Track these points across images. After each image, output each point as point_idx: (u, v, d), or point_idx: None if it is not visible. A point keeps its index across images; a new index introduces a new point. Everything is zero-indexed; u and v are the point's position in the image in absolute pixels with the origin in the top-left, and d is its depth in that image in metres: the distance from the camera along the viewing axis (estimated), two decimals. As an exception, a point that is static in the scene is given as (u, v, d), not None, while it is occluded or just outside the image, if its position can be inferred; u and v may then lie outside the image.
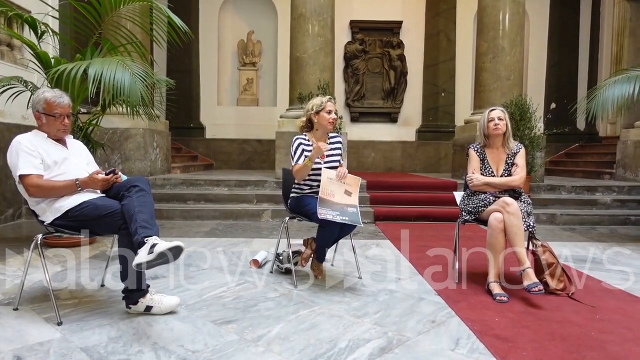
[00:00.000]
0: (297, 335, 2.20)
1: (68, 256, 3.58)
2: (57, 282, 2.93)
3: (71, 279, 3.05)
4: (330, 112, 3.05)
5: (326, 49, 6.75)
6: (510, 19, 6.72)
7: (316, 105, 3.06)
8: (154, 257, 2.07)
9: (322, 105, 3.04)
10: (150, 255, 2.07)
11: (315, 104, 3.07)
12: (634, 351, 2.08)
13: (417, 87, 10.14)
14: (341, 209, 2.83)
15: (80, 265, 3.39)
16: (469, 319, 2.43)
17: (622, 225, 5.68)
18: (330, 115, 3.05)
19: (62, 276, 3.10)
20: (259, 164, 9.82)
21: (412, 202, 6.11)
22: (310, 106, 3.09)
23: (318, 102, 3.07)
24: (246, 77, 10.18)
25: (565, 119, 9.62)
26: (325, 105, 3.05)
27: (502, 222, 2.81)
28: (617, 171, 7.46)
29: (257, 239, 4.52)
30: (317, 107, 3.05)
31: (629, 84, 4.81)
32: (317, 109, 3.06)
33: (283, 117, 6.89)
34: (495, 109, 3.13)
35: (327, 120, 3.04)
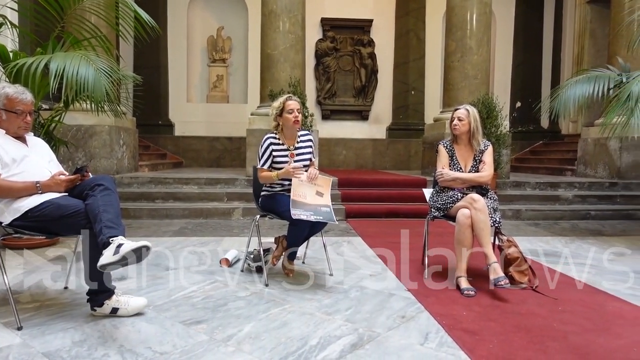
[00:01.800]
0: (267, 334, 2.19)
1: (29, 258, 3.45)
2: (17, 285, 2.82)
3: (32, 281, 2.93)
4: (292, 111, 3.01)
5: (297, 46, 6.73)
6: (477, 19, 6.86)
7: (276, 108, 3.05)
8: (120, 258, 2.01)
9: (282, 106, 3.02)
10: (116, 256, 2.01)
11: (276, 107, 3.05)
12: (593, 341, 2.16)
13: (388, 85, 10.24)
14: (314, 209, 2.84)
15: (41, 267, 3.27)
16: (438, 314, 2.47)
17: (583, 220, 5.90)
18: (292, 114, 3.01)
19: (22, 279, 2.98)
20: (229, 162, 9.71)
21: (383, 199, 6.17)
22: (272, 111, 3.08)
23: (277, 105, 3.04)
24: (216, 73, 10.04)
25: (530, 117, 9.92)
26: (285, 105, 3.01)
27: (470, 218, 2.87)
28: (578, 168, 7.74)
29: (227, 238, 4.47)
30: (277, 110, 3.04)
31: (589, 84, 4.99)
32: (277, 112, 3.04)
33: (254, 114, 6.83)
34: (459, 109, 3.18)
35: (291, 120, 3.02)
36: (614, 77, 4.92)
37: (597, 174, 7.27)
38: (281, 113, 3.03)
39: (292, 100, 3.06)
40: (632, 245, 4.41)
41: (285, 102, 3.02)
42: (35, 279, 2.99)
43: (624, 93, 4.46)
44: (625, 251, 4.15)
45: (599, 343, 2.14)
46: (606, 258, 3.87)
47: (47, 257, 3.54)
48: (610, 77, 4.95)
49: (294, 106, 3.03)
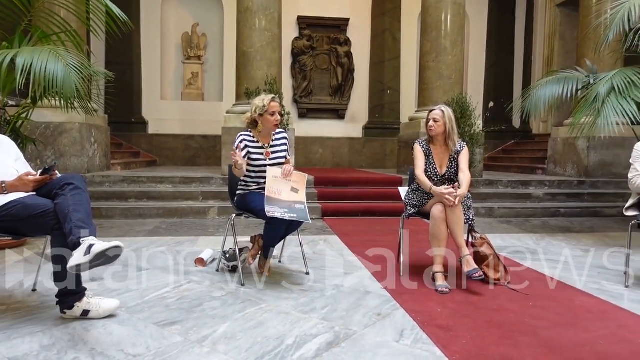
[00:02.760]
0: (243, 334, 2.17)
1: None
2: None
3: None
4: (274, 113, 2.99)
5: (273, 44, 6.69)
6: (451, 20, 6.96)
7: (259, 108, 2.99)
8: (91, 259, 1.96)
9: (265, 107, 2.98)
10: (87, 257, 1.96)
11: (259, 107, 2.99)
12: (563, 335, 2.23)
13: (364, 84, 10.30)
14: (289, 206, 2.83)
15: (8, 269, 3.16)
16: (413, 311, 2.50)
17: (553, 218, 6.06)
18: (274, 117, 2.99)
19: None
20: (204, 161, 9.59)
21: (359, 198, 6.21)
22: (254, 108, 3.02)
23: (261, 105, 2.99)
24: (191, 71, 9.90)
25: (502, 117, 10.12)
26: (268, 107, 2.98)
27: (444, 213, 2.91)
28: (548, 167, 7.95)
29: (202, 237, 4.42)
30: (260, 110, 2.99)
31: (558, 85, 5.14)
32: (260, 112, 3.00)
33: (230, 112, 6.77)
34: (434, 110, 3.20)
35: (272, 123, 3.00)
36: (582, 79, 5.08)
37: (566, 173, 7.48)
38: (263, 113, 3.00)
39: (276, 102, 3.03)
40: (599, 242, 4.56)
41: (269, 104, 2.99)
42: (1, 281, 2.89)
43: (592, 94, 4.61)
44: (592, 248, 4.28)
45: (567, 337, 2.21)
46: (574, 254, 3.99)
47: (15, 259, 3.42)
48: (579, 79, 5.11)
49: (277, 109, 3.02)
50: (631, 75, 4.48)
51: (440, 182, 3.16)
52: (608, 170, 7.08)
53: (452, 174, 3.19)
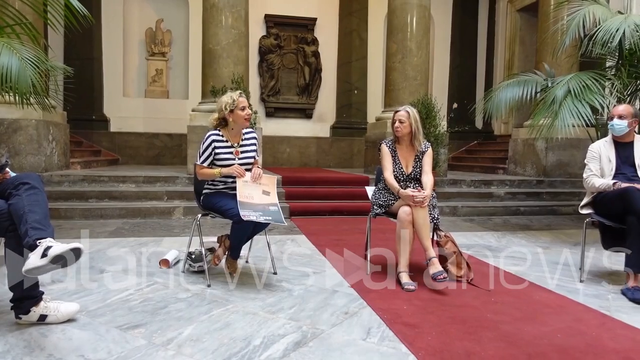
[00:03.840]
0: (209, 336, 2.14)
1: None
2: None
3: (-53, 289, 2.69)
4: (244, 108, 2.96)
5: (240, 42, 6.62)
6: (417, 22, 7.08)
7: (229, 104, 2.94)
8: (48, 261, 1.88)
9: (235, 102, 2.94)
10: (43, 259, 1.88)
11: (228, 103, 2.94)
12: (523, 329, 2.31)
13: (331, 84, 10.33)
14: (263, 209, 2.81)
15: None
16: (380, 309, 2.53)
17: (514, 216, 6.27)
18: (245, 111, 2.96)
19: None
20: (169, 160, 9.39)
21: (326, 197, 6.23)
22: (223, 105, 2.96)
23: (230, 101, 2.94)
24: (155, 67, 9.66)
25: (465, 118, 10.40)
26: (238, 102, 2.94)
27: (411, 215, 2.96)
28: (509, 166, 8.21)
29: (167, 238, 4.32)
30: (231, 106, 2.95)
31: (518, 88, 5.32)
32: (230, 108, 2.96)
33: (195, 110, 6.65)
34: (400, 110, 3.24)
35: (243, 117, 2.96)
36: (541, 82, 5.28)
37: (525, 173, 7.75)
38: (233, 110, 2.96)
39: (244, 97, 3.01)
40: (556, 239, 4.74)
41: (238, 99, 2.95)
42: (-50, 286, 2.73)
43: (549, 97, 4.79)
44: (550, 245, 4.46)
45: (527, 331, 2.29)
46: (534, 251, 4.14)
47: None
48: (538, 82, 5.30)
49: (246, 103, 2.99)
50: (586, 80, 4.69)
51: (406, 181, 3.21)
52: (565, 170, 7.38)
53: (418, 173, 3.24)
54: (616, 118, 3.20)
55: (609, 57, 5.09)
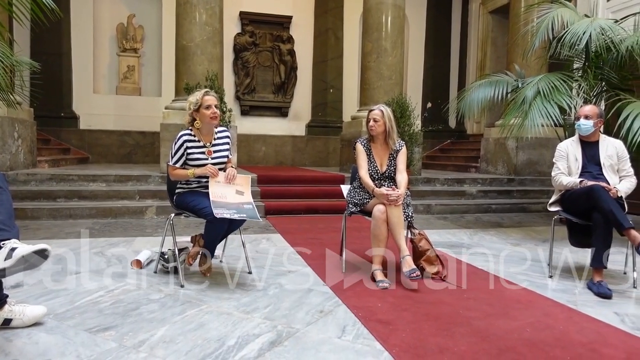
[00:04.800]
0: (183, 337, 2.10)
1: None
2: None
3: None
4: (210, 106, 2.90)
5: (215, 39, 6.54)
6: (392, 22, 7.14)
7: (193, 104, 2.91)
8: (12, 263, 1.81)
9: (199, 101, 2.90)
10: (8, 261, 1.81)
11: (192, 102, 2.92)
12: (494, 324, 2.36)
13: (307, 82, 10.32)
14: (237, 207, 2.79)
15: None
16: (355, 307, 2.54)
17: (485, 213, 6.40)
18: (210, 110, 2.91)
19: None
20: (141, 158, 9.20)
21: (302, 196, 6.22)
22: (189, 105, 2.94)
23: (194, 100, 2.92)
24: (127, 63, 9.45)
25: (439, 117, 10.54)
26: (202, 100, 2.90)
27: (385, 213, 2.99)
28: (481, 165, 8.38)
29: (139, 238, 4.24)
30: (194, 105, 2.91)
31: (490, 88, 5.44)
32: (194, 107, 2.92)
33: (168, 108, 6.54)
34: (374, 109, 3.26)
35: (208, 116, 2.91)
36: (512, 83, 5.40)
37: (497, 171, 7.92)
38: (198, 108, 2.92)
39: (210, 95, 2.95)
40: (526, 236, 4.87)
41: (202, 98, 2.91)
42: None
43: (520, 97, 4.91)
44: (520, 241, 4.57)
45: (498, 326, 2.34)
46: (504, 248, 4.23)
47: None
48: (508, 82, 5.43)
49: (212, 101, 2.93)
50: (554, 81, 4.82)
51: (381, 180, 3.23)
52: (534, 168, 7.57)
53: (392, 172, 3.27)
54: (582, 118, 3.30)
55: (576, 59, 5.25)
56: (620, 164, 3.27)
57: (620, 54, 4.61)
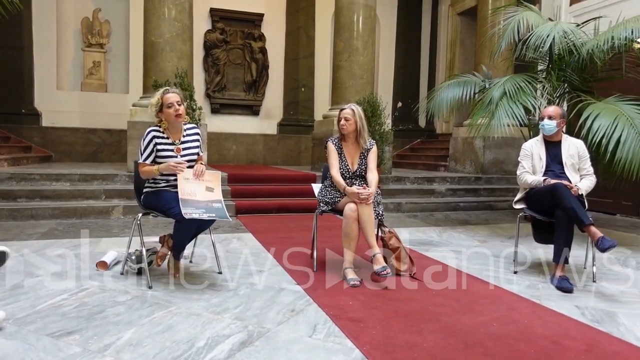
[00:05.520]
0: (151, 340, 2.06)
1: None
2: None
3: None
4: (172, 105, 2.84)
5: (184, 36, 6.43)
6: (363, 22, 7.19)
7: (155, 105, 2.87)
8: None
9: (160, 101, 2.85)
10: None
11: (154, 104, 2.87)
12: (461, 320, 2.41)
13: (279, 80, 10.27)
14: (206, 206, 2.74)
15: None
16: (326, 305, 2.55)
17: (454, 211, 6.53)
18: (172, 109, 2.84)
19: None
20: (108, 156, 8.95)
21: (273, 195, 6.19)
22: (149, 108, 2.89)
23: (155, 101, 2.87)
24: (92, 59, 9.16)
25: (409, 116, 10.67)
26: (163, 100, 2.85)
27: (356, 212, 3.00)
28: (449, 164, 8.54)
29: (105, 239, 4.12)
30: (156, 107, 2.87)
31: (459, 88, 5.55)
32: (157, 109, 2.87)
33: (136, 105, 6.38)
34: (345, 108, 3.28)
35: (172, 115, 2.85)
36: (479, 83, 5.53)
37: (465, 170, 8.09)
38: (161, 108, 2.86)
39: (171, 92, 2.89)
40: (493, 233, 4.99)
41: (163, 97, 2.86)
42: None
43: (487, 97, 5.03)
44: (487, 238, 4.68)
45: (465, 321, 2.39)
46: (472, 245, 4.33)
47: None
48: (476, 83, 5.55)
49: (174, 99, 2.86)
50: (520, 82, 4.96)
51: (352, 179, 3.25)
52: (500, 167, 7.78)
53: (363, 171, 3.29)
54: (546, 118, 3.40)
55: (541, 61, 5.41)
56: (581, 163, 3.40)
57: (582, 56, 4.78)
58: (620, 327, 2.38)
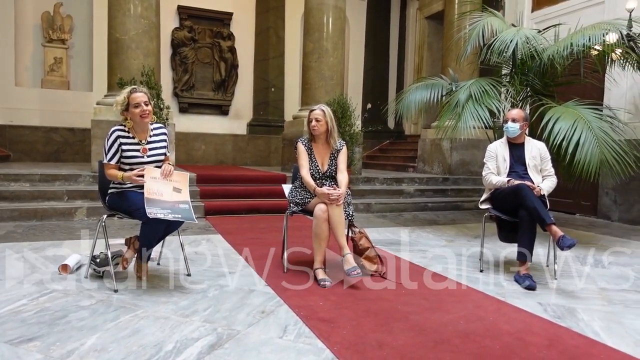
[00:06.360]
0: (116, 344, 2.00)
1: None
2: None
3: None
4: (138, 105, 2.78)
5: (151, 33, 6.28)
6: (333, 23, 7.22)
7: (120, 104, 2.79)
8: None
9: (126, 100, 2.79)
10: None
11: (120, 102, 2.79)
12: (429, 318, 2.45)
13: (248, 80, 10.19)
14: (172, 207, 2.69)
15: None
16: (296, 306, 2.54)
17: (422, 211, 6.64)
18: (139, 109, 2.78)
19: None
20: (71, 156, 8.66)
21: (243, 196, 6.14)
22: (115, 106, 2.81)
23: (121, 100, 2.79)
24: (53, 55, 8.83)
25: (379, 118, 10.81)
26: (129, 99, 2.78)
27: (327, 213, 3.01)
28: (418, 165, 8.69)
29: (68, 241, 3.98)
30: (122, 106, 2.79)
31: (426, 91, 5.65)
32: (122, 108, 2.80)
33: (100, 103, 6.20)
34: (315, 109, 3.28)
35: (138, 115, 2.79)
36: (446, 86, 5.65)
37: (433, 171, 8.25)
38: (127, 108, 2.79)
39: (137, 92, 2.82)
40: (460, 232, 5.11)
41: (129, 96, 2.79)
42: None
43: (454, 100, 5.14)
44: (454, 238, 4.79)
45: (433, 319, 2.43)
46: (440, 244, 4.41)
47: None
48: (443, 86, 5.67)
49: (141, 99, 2.79)
50: (485, 85, 5.09)
51: (322, 179, 3.26)
52: (467, 168, 7.97)
53: (333, 171, 3.31)
54: (510, 121, 3.51)
55: (505, 66, 5.58)
56: (542, 164, 3.52)
57: (543, 62, 4.96)
58: (580, 322, 2.48)
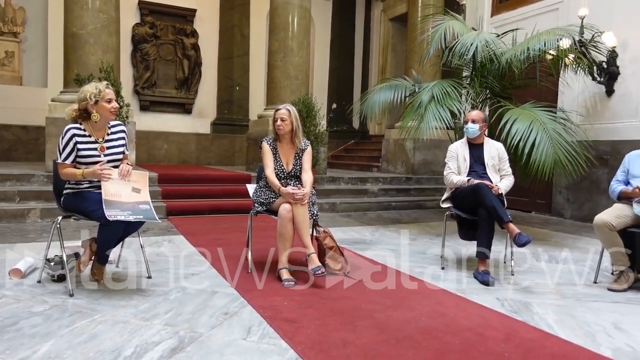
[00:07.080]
0: (72, 351, 1.93)
1: None
2: None
3: None
4: (111, 100, 2.73)
5: (110, 28, 6.07)
6: (298, 22, 7.20)
7: (94, 94, 2.68)
8: None
9: (101, 94, 2.70)
10: None
11: (93, 93, 2.69)
12: (393, 316, 2.49)
13: (212, 79, 10.03)
14: (132, 208, 2.61)
15: None
16: (261, 306, 2.52)
17: (386, 210, 6.74)
18: (111, 104, 2.72)
19: None
20: (23, 155, 8.26)
21: (206, 196, 6.04)
22: (88, 95, 2.69)
23: (95, 91, 2.69)
24: (4, 49, 8.39)
25: (343, 118, 10.88)
26: (104, 93, 2.71)
27: (291, 212, 3.01)
28: (382, 165, 8.80)
29: (20, 244, 3.80)
30: (96, 97, 2.69)
31: (390, 92, 5.74)
32: (95, 99, 2.70)
33: (56, 100, 5.95)
34: (280, 109, 3.28)
35: (109, 110, 2.72)
36: (410, 87, 5.75)
37: (396, 170, 8.38)
38: (98, 101, 2.70)
39: (110, 88, 2.78)
40: (422, 231, 5.21)
41: (105, 90, 2.71)
42: None
43: (417, 101, 5.24)
44: (417, 236, 4.88)
45: (396, 317, 2.47)
46: (403, 243, 4.49)
47: None
48: (407, 87, 5.77)
49: (113, 95, 2.76)
50: (446, 87, 5.21)
51: (287, 179, 3.25)
52: (429, 168, 8.14)
53: (298, 171, 3.30)
54: (470, 122, 3.61)
55: (465, 68, 5.73)
56: (500, 164, 3.64)
57: (501, 65, 5.12)
58: (535, 316, 2.58)
